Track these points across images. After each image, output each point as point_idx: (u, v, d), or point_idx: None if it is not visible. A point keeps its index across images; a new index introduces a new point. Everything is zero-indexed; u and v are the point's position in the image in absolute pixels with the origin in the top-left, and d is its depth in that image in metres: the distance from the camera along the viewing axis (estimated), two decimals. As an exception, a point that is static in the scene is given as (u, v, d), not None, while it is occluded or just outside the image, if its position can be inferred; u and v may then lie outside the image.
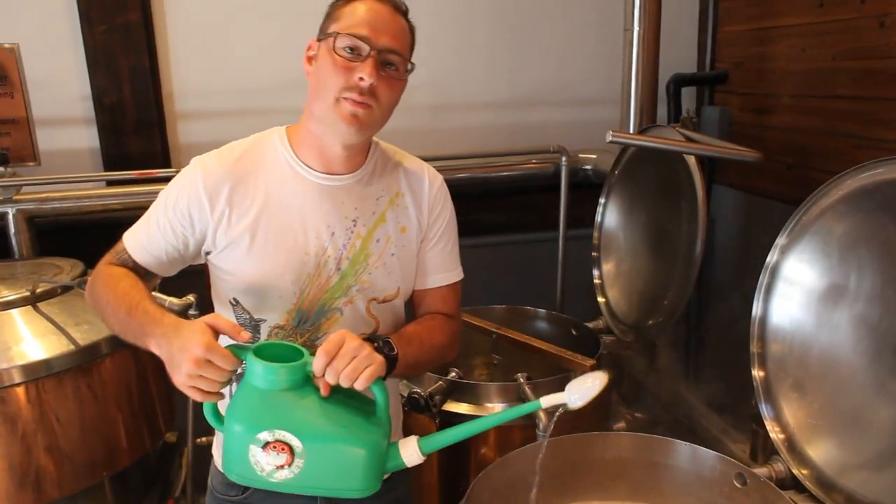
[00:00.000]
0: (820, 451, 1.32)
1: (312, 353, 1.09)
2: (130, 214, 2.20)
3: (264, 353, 1.08)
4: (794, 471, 1.34)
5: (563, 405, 1.16)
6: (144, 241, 1.29)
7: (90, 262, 1.97)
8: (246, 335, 1.10)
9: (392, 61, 1.21)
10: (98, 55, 2.30)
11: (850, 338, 1.28)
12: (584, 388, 1.15)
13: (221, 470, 1.13)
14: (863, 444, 1.25)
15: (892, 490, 1.18)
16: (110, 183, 2.28)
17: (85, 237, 2.34)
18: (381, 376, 1.11)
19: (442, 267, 1.42)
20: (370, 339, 1.18)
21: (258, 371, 1.06)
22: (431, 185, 1.39)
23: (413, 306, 1.45)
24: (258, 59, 2.43)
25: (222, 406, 1.13)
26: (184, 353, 1.04)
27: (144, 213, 1.32)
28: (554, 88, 2.69)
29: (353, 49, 1.18)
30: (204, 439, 2.17)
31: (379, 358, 1.11)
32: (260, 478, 1.07)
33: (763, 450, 1.51)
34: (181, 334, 1.07)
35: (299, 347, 1.12)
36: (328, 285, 1.28)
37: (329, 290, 1.28)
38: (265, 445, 1.05)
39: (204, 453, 2.16)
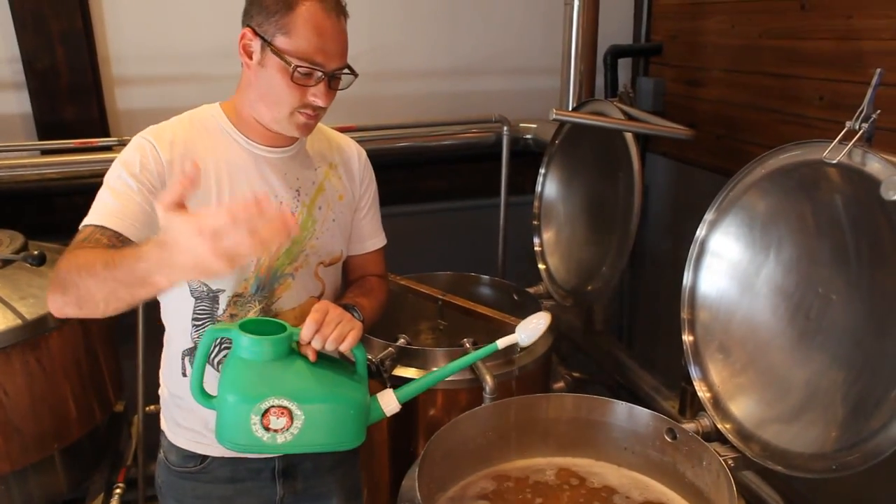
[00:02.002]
0: (741, 407, 1.44)
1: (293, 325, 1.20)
2: (68, 184, 2.19)
3: (246, 328, 1.16)
4: (719, 425, 1.46)
5: (516, 344, 1.30)
6: (114, 209, 1.19)
7: (28, 233, 1.94)
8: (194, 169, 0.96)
9: (339, 76, 1.28)
10: (25, 16, 2.20)
11: (768, 305, 1.40)
12: (531, 328, 1.29)
13: (219, 442, 1.18)
14: (777, 399, 1.38)
15: (799, 440, 1.31)
16: (46, 152, 2.21)
17: (21, 208, 2.29)
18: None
19: (373, 233, 1.55)
20: (343, 307, 1.28)
21: (247, 345, 1.14)
22: (359, 158, 1.50)
23: (347, 271, 1.55)
24: (199, 23, 2.36)
25: (209, 386, 1.18)
26: (196, 250, 0.89)
27: (80, 181, 1.27)
28: (495, 58, 2.72)
29: (308, 74, 1.22)
30: (153, 407, 2.18)
31: (359, 323, 1.23)
32: (262, 443, 1.14)
33: (691, 406, 1.64)
34: (175, 246, 0.90)
35: (279, 321, 1.21)
36: (280, 251, 1.34)
37: (281, 257, 1.35)
38: (265, 412, 1.12)
39: (154, 421, 2.18)
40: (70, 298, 1.05)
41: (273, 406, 1.12)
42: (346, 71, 1.28)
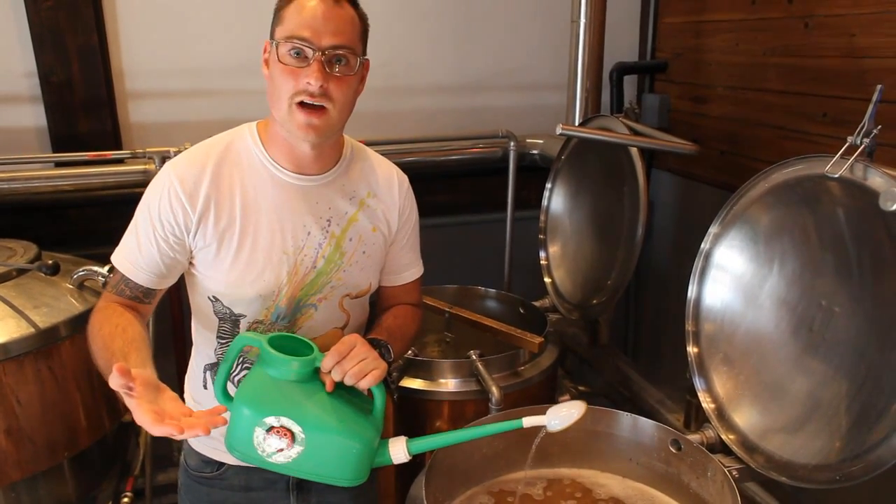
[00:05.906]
0: (745, 418, 1.45)
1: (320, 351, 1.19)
2: (82, 196, 2.23)
3: (276, 343, 1.17)
4: (723, 436, 1.47)
5: (543, 427, 1.23)
6: (139, 260, 1.27)
7: (42, 243, 1.97)
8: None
9: (341, 56, 1.19)
10: (44, 32, 2.25)
11: (772, 317, 1.41)
12: (563, 415, 1.22)
13: (225, 446, 1.19)
14: (781, 410, 1.39)
15: (803, 451, 1.32)
16: (60, 164, 2.25)
17: (35, 219, 2.33)
18: (382, 380, 1.20)
19: (410, 264, 1.50)
20: (373, 342, 1.27)
21: (272, 361, 1.14)
22: (400, 189, 1.43)
23: (380, 299, 1.51)
24: (211, 39, 2.40)
25: (231, 387, 1.20)
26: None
27: (93, 193, 1.27)
28: (503, 74, 2.76)
29: (298, 53, 1.17)
30: (161, 418, 2.20)
31: (384, 364, 1.20)
32: (260, 457, 1.15)
33: (696, 418, 1.65)
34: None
35: (309, 342, 1.21)
36: (304, 282, 1.31)
37: (305, 287, 1.32)
38: (269, 429, 1.12)
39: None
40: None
41: (279, 425, 1.12)
42: (343, 51, 1.18)
